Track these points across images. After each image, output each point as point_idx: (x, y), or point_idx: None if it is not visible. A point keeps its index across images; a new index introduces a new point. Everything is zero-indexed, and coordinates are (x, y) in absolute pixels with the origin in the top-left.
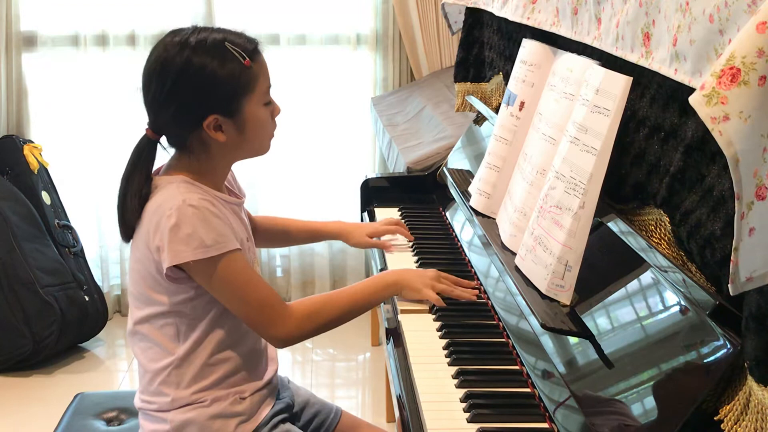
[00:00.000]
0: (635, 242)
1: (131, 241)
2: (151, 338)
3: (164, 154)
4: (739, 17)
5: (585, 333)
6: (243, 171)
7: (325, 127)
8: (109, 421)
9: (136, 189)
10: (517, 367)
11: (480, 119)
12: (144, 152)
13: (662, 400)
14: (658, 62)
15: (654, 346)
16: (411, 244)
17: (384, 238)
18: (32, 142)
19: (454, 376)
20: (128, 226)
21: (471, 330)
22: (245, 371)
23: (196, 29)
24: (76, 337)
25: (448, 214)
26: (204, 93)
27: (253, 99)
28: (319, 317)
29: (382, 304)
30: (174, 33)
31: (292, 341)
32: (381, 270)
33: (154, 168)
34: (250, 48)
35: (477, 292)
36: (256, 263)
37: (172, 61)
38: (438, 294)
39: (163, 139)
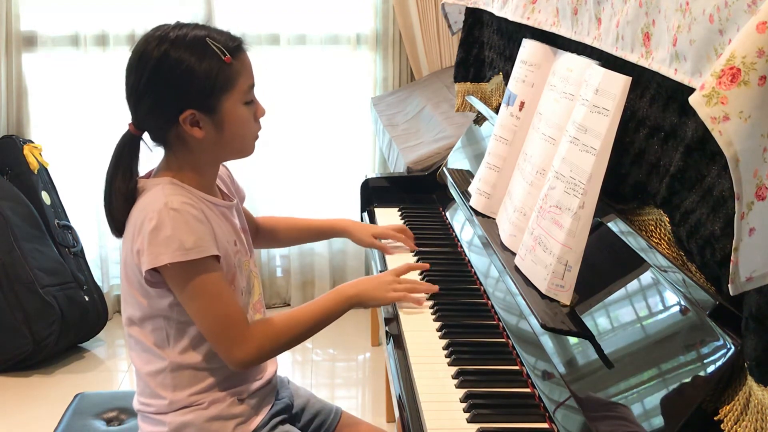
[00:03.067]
0: (635, 242)
1: (122, 240)
2: (143, 342)
3: (150, 155)
4: (739, 17)
5: (585, 333)
6: (242, 171)
7: (325, 127)
8: (109, 421)
9: (119, 187)
10: (517, 367)
11: (480, 119)
12: (126, 147)
13: (662, 400)
14: (658, 62)
15: (654, 346)
16: None
17: (387, 242)
18: (32, 142)
19: (454, 376)
20: (118, 221)
21: (471, 330)
22: (243, 374)
23: (178, 25)
24: (76, 337)
25: (448, 214)
26: (180, 87)
27: (232, 96)
28: (281, 339)
29: None
30: (157, 28)
31: (250, 364)
32: (380, 271)
33: (144, 172)
34: (231, 45)
35: (430, 292)
36: (249, 263)
37: (150, 54)
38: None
39: (148, 138)
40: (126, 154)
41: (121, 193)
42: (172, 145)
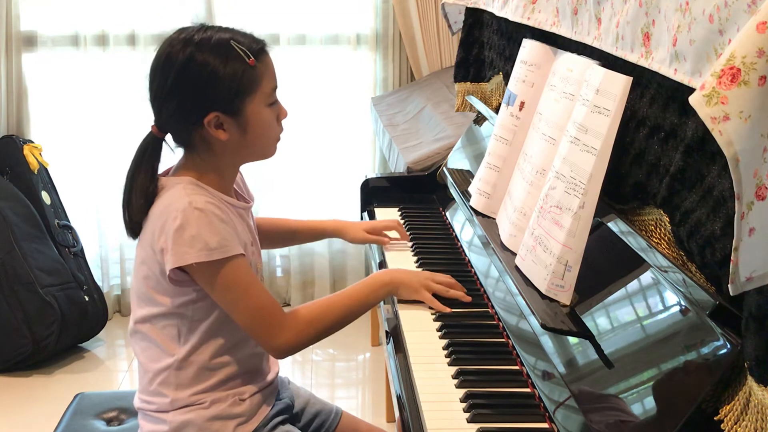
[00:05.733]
0: (635, 242)
1: (137, 240)
2: (152, 338)
3: (171, 155)
4: (739, 17)
5: (585, 333)
6: (242, 170)
7: (325, 127)
8: (109, 421)
9: (140, 186)
10: (517, 367)
11: (480, 119)
12: (148, 149)
13: (662, 401)
14: (658, 62)
15: (654, 346)
16: (411, 244)
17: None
18: (32, 142)
19: (454, 376)
20: (135, 223)
21: (471, 330)
22: (246, 374)
23: (203, 27)
24: (76, 337)
25: (448, 214)
26: (205, 90)
27: (256, 98)
28: (318, 324)
29: (382, 303)
30: (181, 30)
31: (291, 351)
32: (379, 267)
33: (164, 169)
34: (255, 48)
35: (469, 298)
36: (260, 266)
37: (175, 57)
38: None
39: (170, 139)
40: (148, 156)
41: (143, 191)
42: (196, 147)
